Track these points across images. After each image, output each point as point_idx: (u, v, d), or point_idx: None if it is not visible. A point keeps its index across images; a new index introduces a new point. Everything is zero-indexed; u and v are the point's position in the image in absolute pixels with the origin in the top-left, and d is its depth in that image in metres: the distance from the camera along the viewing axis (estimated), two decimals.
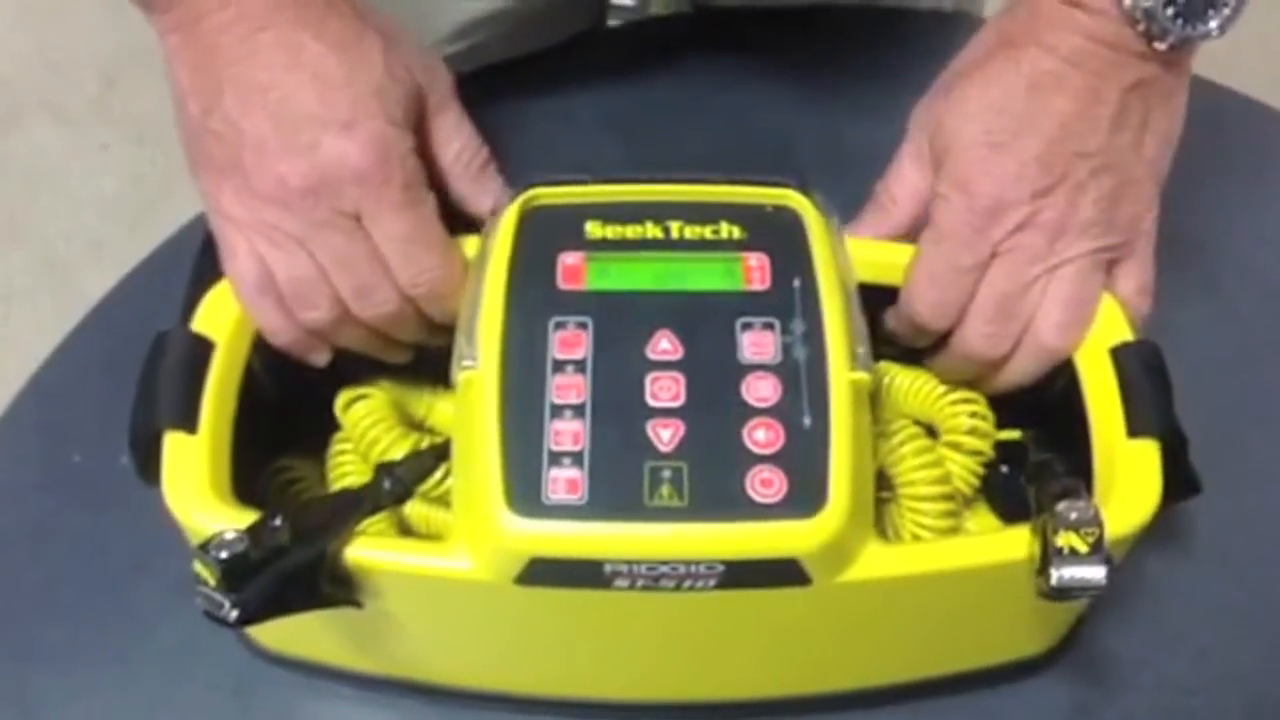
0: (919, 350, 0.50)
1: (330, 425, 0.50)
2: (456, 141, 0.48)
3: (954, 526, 0.48)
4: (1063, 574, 0.38)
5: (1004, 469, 0.50)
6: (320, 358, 0.48)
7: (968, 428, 0.49)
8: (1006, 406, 0.50)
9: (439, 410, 0.51)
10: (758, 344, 0.42)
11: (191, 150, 0.46)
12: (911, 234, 0.48)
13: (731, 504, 0.39)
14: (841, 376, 0.41)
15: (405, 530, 0.48)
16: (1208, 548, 0.54)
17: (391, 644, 0.47)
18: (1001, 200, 0.44)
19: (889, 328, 0.49)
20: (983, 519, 0.51)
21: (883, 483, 0.48)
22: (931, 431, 0.50)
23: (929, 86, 0.50)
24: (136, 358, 0.45)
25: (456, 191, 0.49)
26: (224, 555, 0.38)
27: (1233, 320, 0.62)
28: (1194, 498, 0.44)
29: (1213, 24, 0.43)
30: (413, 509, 0.48)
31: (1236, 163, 0.67)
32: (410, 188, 0.45)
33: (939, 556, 0.43)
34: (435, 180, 0.48)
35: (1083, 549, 0.38)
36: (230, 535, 0.39)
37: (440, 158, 0.48)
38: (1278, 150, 0.70)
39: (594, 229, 0.45)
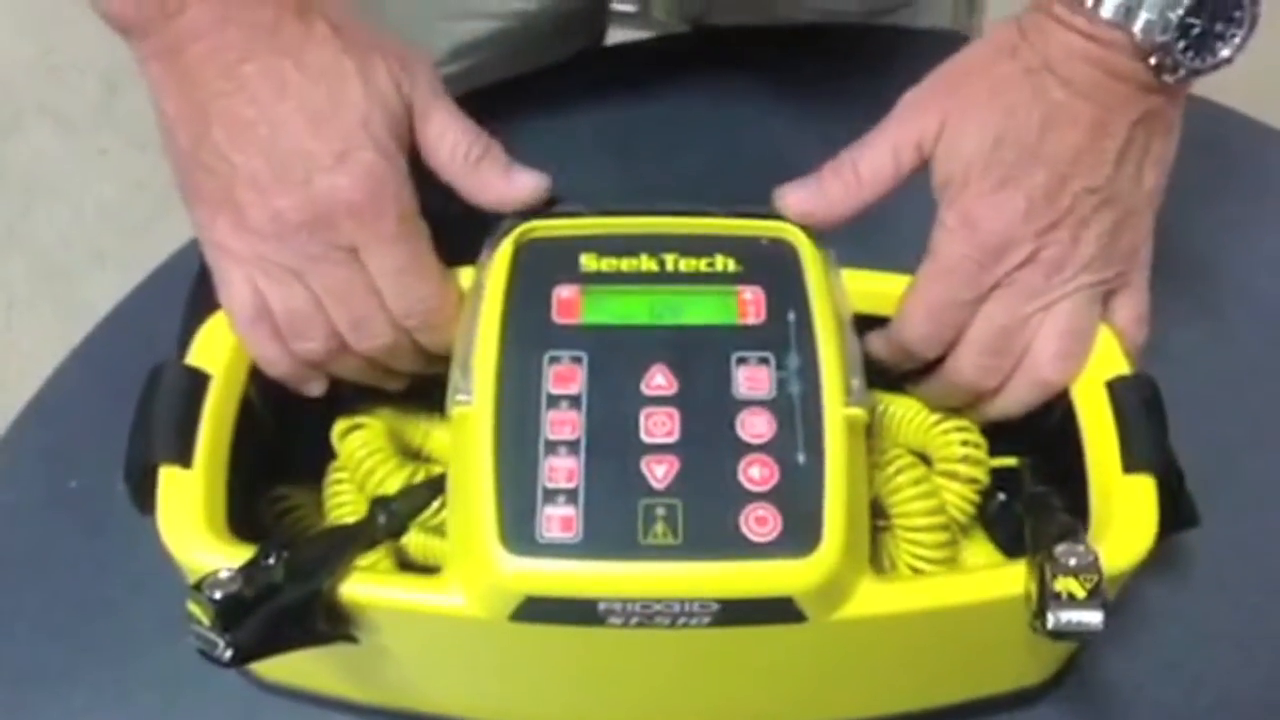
0: (901, 375, 0.50)
1: (328, 452, 0.50)
2: (448, 140, 0.47)
3: (951, 556, 0.48)
4: (1060, 617, 0.38)
5: (1001, 496, 0.50)
6: (315, 388, 0.48)
7: (960, 455, 0.49)
8: (1003, 434, 0.50)
9: (435, 438, 0.51)
10: (752, 379, 0.42)
11: (183, 181, 0.46)
12: (861, 217, 0.47)
13: (726, 542, 0.39)
14: (836, 412, 0.41)
15: (403, 560, 0.48)
16: (1205, 574, 0.54)
17: (388, 676, 0.46)
18: (1008, 238, 0.44)
19: (874, 354, 0.48)
20: (980, 547, 0.51)
21: (878, 512, 0.47)
22: (925, 459, 0.50)
23: None
24: (140, 376, 0.45)
25: (462, 188, 0.48)
26: (218, 595, 0.38)
27: (1231, 342, 0.62)
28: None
29: (1223, 54, 0.43)
30: (410, 539, 0.48)
31: (1236, 183, 0.67)
32: (404, 219, 0.44)
33: (935, 593, 0.43)
34: (441, 180, 0.47)
35: (1080, 594, 0.38)
36: (224, 574, 0.38)
37: (436, 159, 0.47)
38: (1277, 170, 0.69)
39: (589, 262, 0.44)
